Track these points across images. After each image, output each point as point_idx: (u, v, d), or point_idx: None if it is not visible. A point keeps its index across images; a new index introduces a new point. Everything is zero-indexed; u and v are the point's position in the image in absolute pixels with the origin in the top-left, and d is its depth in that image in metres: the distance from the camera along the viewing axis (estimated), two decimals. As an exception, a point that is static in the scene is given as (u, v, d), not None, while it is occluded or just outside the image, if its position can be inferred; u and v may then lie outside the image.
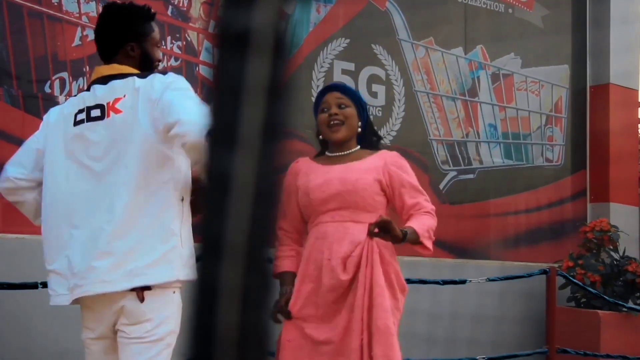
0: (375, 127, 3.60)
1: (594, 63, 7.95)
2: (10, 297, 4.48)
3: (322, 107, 3.38)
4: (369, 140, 3.38)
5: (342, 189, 3.17)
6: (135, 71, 2.84)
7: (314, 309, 3.13)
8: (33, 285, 4.08)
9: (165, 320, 2.70)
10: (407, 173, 3.24)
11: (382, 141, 3.50)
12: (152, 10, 3.01)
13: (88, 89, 2.90)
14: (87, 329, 2.81)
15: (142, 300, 2.66)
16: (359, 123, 3.32)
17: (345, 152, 3.32)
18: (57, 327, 4.46)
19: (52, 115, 2.97)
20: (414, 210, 3.21)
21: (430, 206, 3.23)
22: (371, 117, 3.60)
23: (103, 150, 2.75)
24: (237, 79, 0.85)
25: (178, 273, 2.67)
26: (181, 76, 2.81)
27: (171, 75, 2.78)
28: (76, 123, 2.83)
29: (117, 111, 2.74)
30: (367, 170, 3.21)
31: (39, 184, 2.92)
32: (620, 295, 6.76)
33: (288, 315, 3.14)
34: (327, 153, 3.41)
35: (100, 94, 2.81)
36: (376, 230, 2.98)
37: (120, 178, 2.69)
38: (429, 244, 3.13)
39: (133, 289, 2.66)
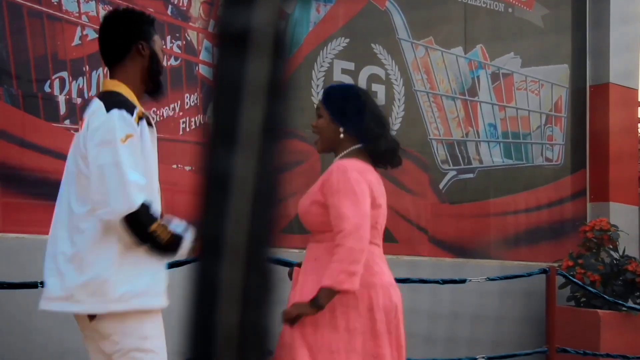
0: None
1: (593, 62, 7.95)
2: (10, 297, 4.47)
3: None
4: (371, 132, 3.21)
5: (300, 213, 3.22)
6: (118, 87, 2.80)
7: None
8: (33, 285, 4.07)
9: (129, 330, 2.70)
10: (335, 194, 3.04)
11: (384, 133, 3.29)
12: (152, 17, 3.03)
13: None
14: (83, 334, 2.87)
15: (90, 320, 2.70)
16: (341, 129, 3.20)
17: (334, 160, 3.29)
18: (56, 326, 4.46)
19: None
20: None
21: (341, 236, 2.97)
22: (377, 107, 3.40)
23: (70, 165, 2.83)
24: (237, 79, 0.85)
25: (111, 306, 2.65)
26: (119, 117, 2.67)
27: (108, 117, 2.66)
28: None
29: (81, 127, 2.80)
30: (310, 192, 3.18)
31: None
32: (620, 295, 6.76)
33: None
34: None
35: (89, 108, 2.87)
36: (288, 320, 3.01)
37: (71, 194, 2.75)
38: (350, 284, 2.93)
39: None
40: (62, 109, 5.18)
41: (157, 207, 2.66)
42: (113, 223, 2.58)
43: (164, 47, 5.53)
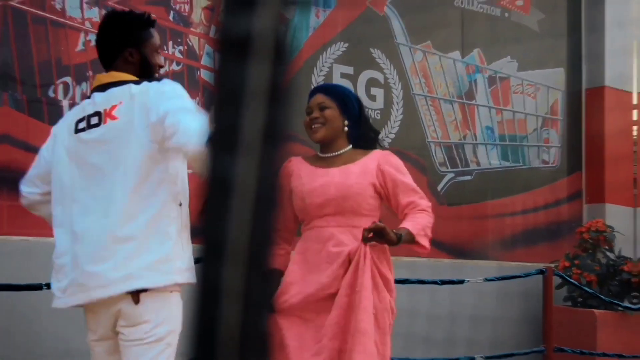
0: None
1: (589, 66, 7.98)
2: (15, 299, 4.49)
3: (306, 110, 3.40)
4: (366, 137, 3.36)
5: (337, 195, 3.17)
6: (133, 78, 2.86)
7: (298, 309, 3.14)
8: (38, 287, 4.09)
9: (163, 321, 2.73)
10: (400, 172, 3.23)
11: (380, 137, 3.46)
12: (152, 17, 3.04)
13: (89, 97, 2.96)
14: (90, 331, 2.86)
15: (137, 302, 2.69)
16: (345, 122, 3.30)
17: (337, 153, 3.32)
18: (62, 328, 4.48)
19: (58, 126, 3.02)
20: (409, 209, 3.21)
21: (425, 203, 3.22)
22: (367, 113, 3.52)
23: (100, 157, 2.79)
24: (239, 84, 0.86)
25: (175, 277, 2.70)
26: (177, 83, 2.82)
27: (167, 83, 2.80)
28: (77, 131, 2.88)
29: (113, 118, 2.78)
30: (361, 173, 3.21)
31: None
32: (616, 295, 6.80)
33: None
34: (318, 153, 3.41)
35: (98, 101, 2.86)
36: (370, 235, 3.02)
37: (116, 183, 2.72)
38: (425, 242, 3.13)
39: (129, 292, 2.70)
40: (66, 114, 5.22)
41: None
42: (199, 151, 2.53)
43: (165, 52, 5.58)
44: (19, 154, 5.02)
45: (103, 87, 2.88)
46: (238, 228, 0.85)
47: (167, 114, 2.66)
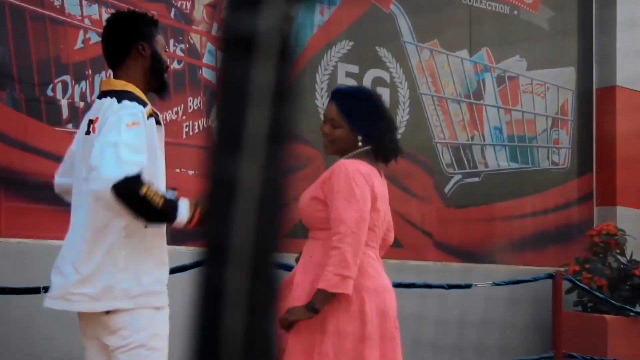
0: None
1: (600, 66, 7.93)
2: (13, 302, 4.47)
3: (323, 118, 3.33)
4: (386, 148, 3.21)
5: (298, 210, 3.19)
6: (125, 87, 2.83)
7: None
8: (36, 290, 4.07)
9: (141, 326, 2.75)
10: (335, 194, 3.04)
11: (395, 139, 3.29)
12: (155, 18, 3.06)
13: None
14: (81, 331, 2.91)
15: (106, 313, 2.74)
16: (359, 137, 3.16)
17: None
18: (59, 331, 4.46)
19: (83, 121, 3.03)
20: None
21: (337, 239, 2.98)
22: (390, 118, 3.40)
23: (79, 170, 2.83)
24: (243, 83, 0.84)
25: (121, 303, 2.71)
26: (133, 108, 2.73)
27: (123, 106, 2.73)
28: (87, 132, 2.88)
29: (94, 130, 2.79)
30: (310, 188, 3.16)
31: None
32: (627, 300, 6.74)
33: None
34: None
35: (95, 108, 2.88)
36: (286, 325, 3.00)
37: (88, 197, 2.74)
38: (343, 286, 2.95)
39: None
40: (65, 113, 5.16)
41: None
42: (104, 194, 2.54)
43: (167, 49, 5.52)
44: (17, 154, 4.98)
45: (105, 94, 2.89)
46: (242, 230, 0.85)
47: (96, 146, 2.66)
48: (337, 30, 6.50)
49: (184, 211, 2.64)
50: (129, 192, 2.52)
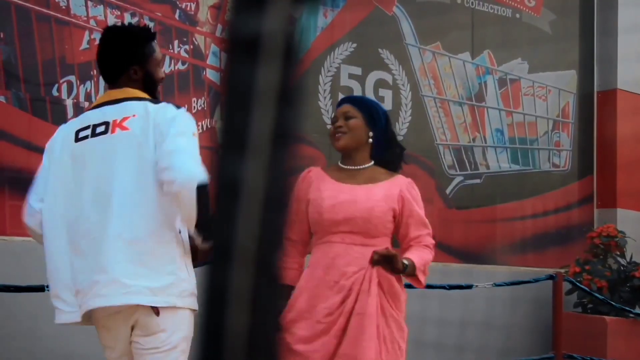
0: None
1: (601, 69, 7.93)
2: (16, 300, 4.48)
3: (332, 120, 3.39)
4: (391, 154, 3.33)
5: (356, 215, 3.15)
6: (147, 96, 2.87)
7: (303, 326, 3.11)
8: (39, 288, 4.07)
9: (178, 328, 2.74)
10: (417, 204, 3.24)
11: (404, 153, 3.41)
12: (153, 30, 3.05)
13: (94, 108, 2.94)
14: (108, 348, 2.85)
15: (157, 314, 2.71)
16: (370, 134, 3.26)
17: (359, 167, 3.28)
18: (63, 330, 4.45)
19: (53, 142, 2.97)
20: (415, 242, 3.21)
21: (430, 241, 3.22)
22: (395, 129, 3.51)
23: (103, 166, 2.77)
24: (247, 84, 0.85)
25: (183, 301, 2.71)
26: (189, 115, 2.84)
27: (180, 112, 2.81)
28: (78, 139, 2.84)
29: (123, 128, 2.77)
30: (383, 197, 3.19)
31: None
32: (627, 301, 6.74)
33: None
34: (339, 163, 3.37)
35: (108, 112, 2.85)
36: (379, 258, 3.01)
37: (118, 196, 2.71)
38: (422, 278, 3.13)
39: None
40: (70, 113, 5.18)
41: None
42: (187, 189, 2.55)
43: (171, 51, 5.54)
44: (22, 153, 4.99)
45: (115, 102, 2.88)
46: (246, 231, 0.84)
47: (168, 148, 2.69)
48: (340, 33, 6.52)
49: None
50: (207, 195, 2.56)
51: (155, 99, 2.90)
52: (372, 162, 3.30)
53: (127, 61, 2.89)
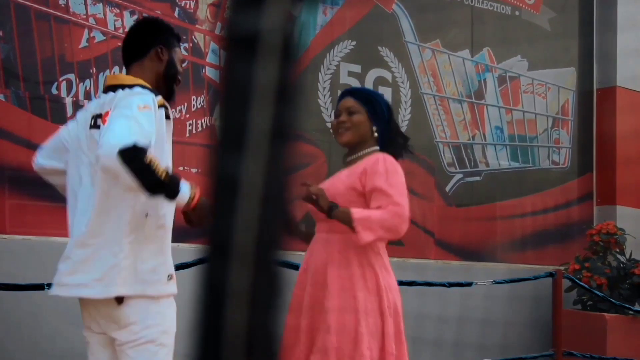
0: None
1: (600, 66, 7.93)
2: (16, 298, 4.48)
3: (335, 113, 3.39)
4: (394, 143, 3.34)
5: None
6: (134, 81, 2.87)
7: (293, 316, 3.17)
8: (40, 287, 4.08)
9: (152, 322, 2.75)
10: (379, 177, 3.11)
11: (409, 142, 3.41)
12: (178, 33, 3.14)
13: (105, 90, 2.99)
14: (85, 326, 2.91)
15: (119, 303, 2.72)
16: (374, 128, 3.28)
17: (358, 155, 3.30)
18: (63, 328, 4.46)
19: (80, 114, 3.04)
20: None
21: (391, 207, 3.08)
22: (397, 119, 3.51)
23: (94, 157, 2.82)
24: (246, 82, 0.85)
25: (120, 289, 2.70)
26: (144, 93, 2.77)
27: (131, 93, 2.77)
28: (92, 127, 2.90)
29: (104, 122, 2.80)
30: (346, 177, 3.19)
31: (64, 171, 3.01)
32: (626, 298, 6.74)
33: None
34: (344, 156, 3.41)
35: (103, 101, 2.89)
36: (306, 194, 3.03)
37: (95, 187, 2.77)
38: (362, 231, 3.00)
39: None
40: (69, 111, 5.18)
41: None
42: (109, 159, 2.52)
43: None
44: (21, 152, 4.99)
45: (112, 88, 2.90)
46: (244, 228, 0.85)
47: (106, 124, 2.71)
48: (339, 30, 6.52)
49: (185, 190, 2.66)
50: (134, 158, 2.51)
51: (169, 90, 2.95)
52: (376, 148, 3.28)
53: (156, 40, 2.96)
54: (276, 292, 0.89)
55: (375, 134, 3.28)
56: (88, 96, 5.24)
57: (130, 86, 2.83)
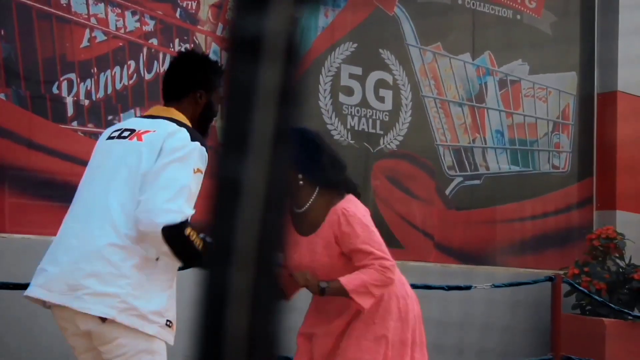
0: (383, 131, 3.50)
1: (601, 71, 7.93)
2: (16, 297, 4.47)
3: None
4: (333, 178, 3.19)
5: (310, 269, 3.17)
6: (186, 121, 2.87)
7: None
8: (39, 286, 4.06)
9: (138, 335, 2.68)
10: (353, 239, 3.09)
11: (344, 178, 3.26)
12: (221, 66, 3.08)
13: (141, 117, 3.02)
14: (67, 338, 2.85)
15: (103, 321, 2.64)
16: (299, 176, 3.13)
17: (301, 211, 3.19)
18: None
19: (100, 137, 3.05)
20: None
21: (377, 263, 3.07)
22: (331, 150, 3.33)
23: (108, 166, 2.80)
24: (249, 84, 0.85)
25: (116, 314, 2.63)
26: (200, 150, 2.75)
27: (192, 145, 2.74)
28: (109, 138, 2.90)
29: (140, 139, 2.79)
30: (323, 248, 3.14)
31: None
32: (625, 303, 6.74)
33: None
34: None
35: (141, 123, 2.90)
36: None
37: (107, 198, 2.72)
38: (362, 299, 3.04)
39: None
40: (70, 111, 5.19)
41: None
42: (151, 235, 2.58)
43: (171, 49, 5.54)
44: (22, 151, 5.00)
45: (155, 117, 2.92)
46: (246, 230, 0.85)
47: (154, 173, 2.67)
48: (341, 33, 6.52)
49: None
50: (177, 236, 2.58)
51: (202, 131, 2.93)
52: (315, 194, 3.18)
53: (196, 84, 2.94)
54: (277, 295, 0.89)
55: (301, 182, 3.15)
56: (89, 96, 5.25)
57: (188, 128, 2.82)
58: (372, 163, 6.54)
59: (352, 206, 3.13)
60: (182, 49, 3.15)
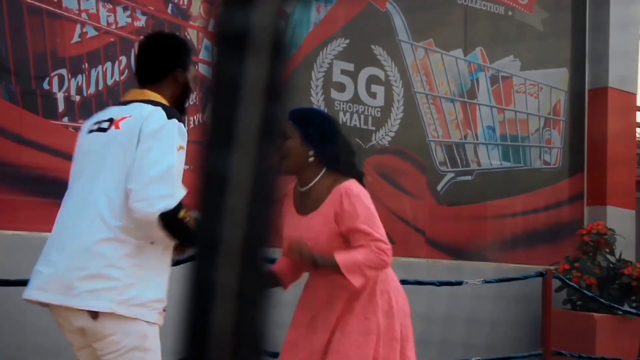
0: (375, 127, 3.48)
1: (592, 67, 7.95)
2: (6, 294, 4.46)
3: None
4: (342, 162, 3.20)
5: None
6: (162, 100, 2.86)
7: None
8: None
9: (132, 331, 2.68)
10: (353, 218, 3.08)
11: (356, 158, 3.31)
12: (191, 46, 3.10)
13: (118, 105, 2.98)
14: (66, 335, 2.86)
15: (94, 318, 2.64)
16: (310, 152, 3.13)
17: (305, 189, 3.19)
18: (52, 324, 4.44)
19: (80, 131, 3.04)
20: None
21: (373, 244, 3.06)
22: (344, 135, 3.34)
23: (92, 160, 2.79)
24: (236, 79, 0.85)
25: (116, 307, 2.63)
26: (178, 126, 2.77)
27: (169, 123, 2.75)
28: (89, 132, 2.88)
29: (117, 127, 2.78)
30: (322, 225, 3.12)
31: None
32: (616, 299, 6.76)
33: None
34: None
35: (118, 110, 2.87)
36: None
37: (94, 193, 2.71)
38: (352, 277, 3.02)
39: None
40: (61, 106, 5.17)
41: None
42: (148, 222, 2.59)
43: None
44: (12, 147, 4.98)
45: (132, 101, 2.90)
46: (232, 225, 0.85)
47: (139, 162, 2.67)
48: (332, 28, 6.51)
49: None
50: (173, 220, 2.60)
51: (181, 109, 2.95)
52: (321, 173, 3.17)
53: (173, 63, 2.93)
54: (263, 289, 0.89)
55: (312, 159, 3.14)
56: (80, 91, 5.23)
57: (164, 106, 2.81)
58: (363, 159, 6.54)
59: (356, 187, 3.12)
60: (150, 32, 3.12)
